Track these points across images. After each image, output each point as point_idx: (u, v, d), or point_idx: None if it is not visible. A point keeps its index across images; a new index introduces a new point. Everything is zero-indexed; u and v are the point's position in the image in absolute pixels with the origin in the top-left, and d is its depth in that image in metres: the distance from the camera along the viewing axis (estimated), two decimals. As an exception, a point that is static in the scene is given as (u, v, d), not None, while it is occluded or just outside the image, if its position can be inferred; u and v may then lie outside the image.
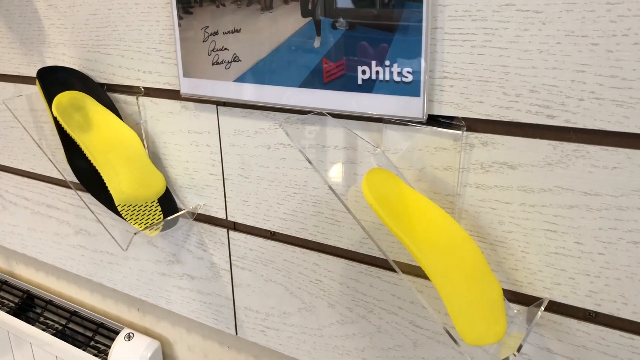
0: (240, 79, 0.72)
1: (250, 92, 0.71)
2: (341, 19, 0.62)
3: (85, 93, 0.86)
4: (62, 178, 1.02)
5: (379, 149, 0.66)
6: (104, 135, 0.83)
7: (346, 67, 0.63)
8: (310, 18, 0.64)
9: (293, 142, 0.70)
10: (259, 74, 0.70)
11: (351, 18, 0.61)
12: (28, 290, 1.29)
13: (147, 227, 0.80)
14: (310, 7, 0.63)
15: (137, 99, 0.86)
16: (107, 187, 0.79)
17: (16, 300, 1.30)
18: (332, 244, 0.74)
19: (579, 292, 0.58)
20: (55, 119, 0.81)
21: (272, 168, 0.75)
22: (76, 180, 0.84)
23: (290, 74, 0.67)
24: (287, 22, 0.66)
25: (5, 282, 1.34)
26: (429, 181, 0.63)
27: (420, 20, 0.57)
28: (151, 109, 0.85)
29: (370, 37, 0.60)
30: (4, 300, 1.31)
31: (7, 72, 1.03)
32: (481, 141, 0.58)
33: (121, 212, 0.80)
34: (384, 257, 0.70)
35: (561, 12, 0.51)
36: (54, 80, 0.86)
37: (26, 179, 1.11)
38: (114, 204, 0.80)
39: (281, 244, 0.79)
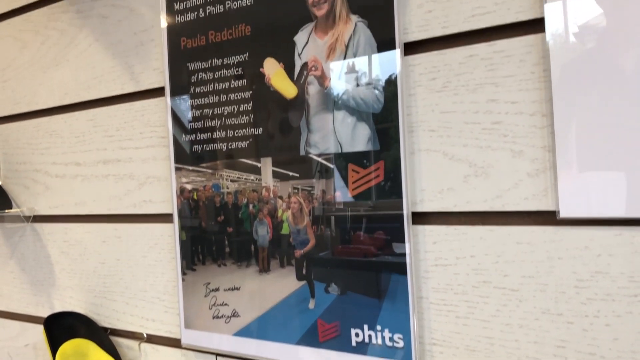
0: (239, 333, 0.74)
1: (248, 346, 0.74)
2: (333, 284, 0.66)
3: (89, 338, 0.88)
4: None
5: (376, 408, 0.66)
6: (104, 385, 0.84)
7: (340, 329, 0.66)
8: (304, 281, 0.68)
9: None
10: (257, 329, 0.73)
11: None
12: None
13: None
14: (304, 272, 0.68)
15: (139, 344, 0.88)
16: None
17: None
18: None
19: None
20: (57, 369, 0.82)
21: (270, 421, 0.75)
22: None
23: (287, 332, 0.70)
24: (284, 284, 0.70)
25: None
26: None
27: (406, 290, 0.61)
28: (152, 355, 0.86)
29: (361, 303, 0.64)
30: None
31: (15, 311, 1.06)
32: (475, 408, 0.59)
33: None
34: None
35: (535, 292, 0.55)
36: (60, 325, 0.89)
37: (21, 417, 1.08)
38: None
39: None
